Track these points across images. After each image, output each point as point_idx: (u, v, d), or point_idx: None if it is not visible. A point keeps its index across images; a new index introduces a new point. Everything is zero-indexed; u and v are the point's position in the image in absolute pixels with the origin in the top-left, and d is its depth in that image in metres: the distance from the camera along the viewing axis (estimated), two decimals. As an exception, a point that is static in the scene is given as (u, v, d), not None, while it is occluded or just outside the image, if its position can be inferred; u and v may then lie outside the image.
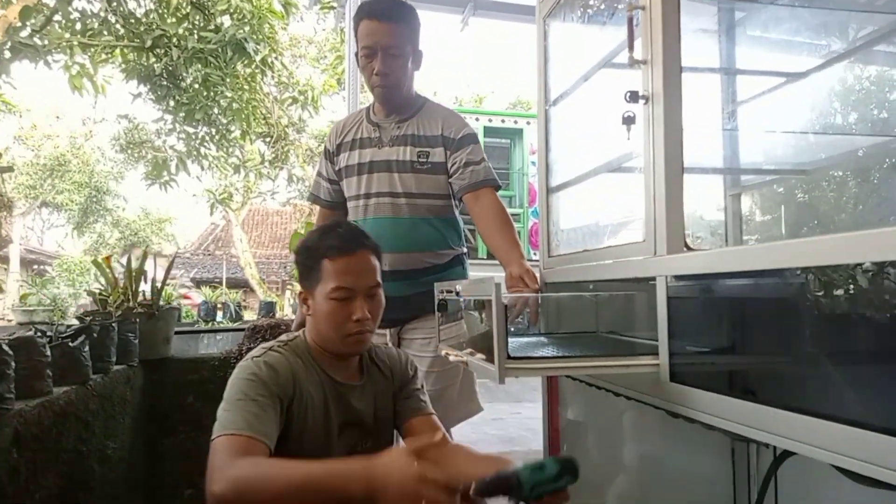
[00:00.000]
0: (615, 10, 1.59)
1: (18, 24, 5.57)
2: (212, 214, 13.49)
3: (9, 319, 8.54)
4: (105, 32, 6.37)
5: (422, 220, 1.91)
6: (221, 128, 7.78)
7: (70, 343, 1.69)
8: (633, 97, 1.33)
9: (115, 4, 6.35)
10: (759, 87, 2.03)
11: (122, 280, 2.47)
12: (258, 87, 8.14)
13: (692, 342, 1.21)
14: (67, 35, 6.17)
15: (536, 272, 1.83)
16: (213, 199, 12.16)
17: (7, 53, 5.49)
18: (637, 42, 1.34)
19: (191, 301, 11.34)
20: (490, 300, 1.16)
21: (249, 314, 10.56)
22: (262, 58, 7.12)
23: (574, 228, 1.97)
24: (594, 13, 1.76)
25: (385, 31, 1.82)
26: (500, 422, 5.02)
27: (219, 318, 8.55)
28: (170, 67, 6.63)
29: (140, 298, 2.47)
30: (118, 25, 6.44)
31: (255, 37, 6.71)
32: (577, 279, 1.72)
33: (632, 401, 1.36)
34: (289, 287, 16.30)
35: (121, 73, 6.84)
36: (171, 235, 20.77)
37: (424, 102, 1.98)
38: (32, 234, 20.94)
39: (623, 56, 1.39)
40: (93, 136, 18.00)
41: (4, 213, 15.57)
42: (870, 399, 0.83)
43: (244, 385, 1.21)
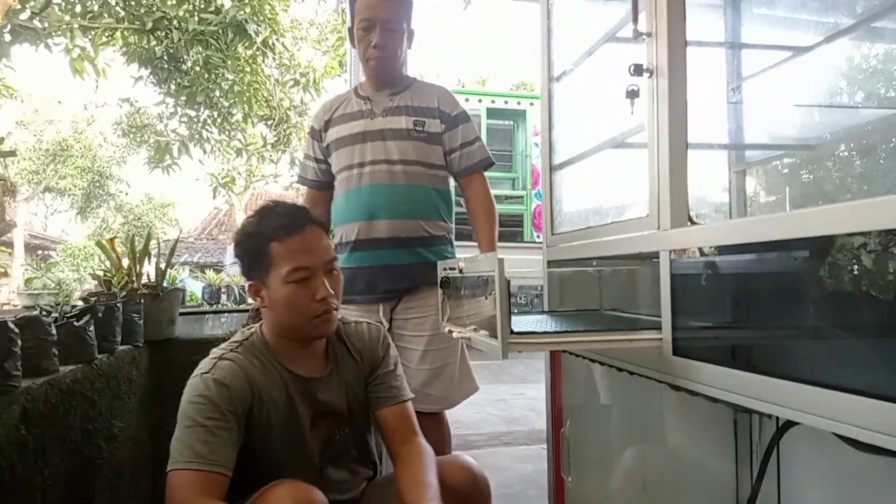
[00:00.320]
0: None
1: (18, 7, 5.54)
2: (214, 198, 13.53)
3: (14, 304, 8.60)
4: (105, 15, 6.34)
5: (418, 187, 1.92)
6: (223, 111, 7.78)
7: (75, 322, 1.69)
8: (638, 70, 1.32)
9: (115, -14, 6.31)
10: (765, 63, 2.01)
11: (127, 262, 2.48)
12: (259, 70, 8.09)
13: (695, 316, 1.21)
14: (67, 18, 6.14)
15: (538, 254, 1.85)
16: (216, 183, 12.16)
17: (7, 37, 5.47)
18: (641, 15, 1.33)
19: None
20: (493, 276, 1.16)
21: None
22: (263, 39, 7.09)
23: (577, 206, 1.96)
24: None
25: (384, 6, 1.88)
26: (504, 402, 5.05)
27: (223, 301, 8.61)
28: (171, 50, 6.60)
29: (144, 280, 2.48)
30: (118, 8, 6.40)
31: (256, 18, 6.67)
32: (581, 256, 1.72)
33: (634, 376, 1.36)
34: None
35: (121, 56, 6.81)
36: (175, 220, 20.84)
37: (414, 80, 2.05)
38: (36, 220, 21.04)
39: (627, 30, 1.38)
40: (95, 121, 18.03)
41: (8, 198, 15.60)
42: (871, 368, 0.83)
43: (192, 410, 1.18)
